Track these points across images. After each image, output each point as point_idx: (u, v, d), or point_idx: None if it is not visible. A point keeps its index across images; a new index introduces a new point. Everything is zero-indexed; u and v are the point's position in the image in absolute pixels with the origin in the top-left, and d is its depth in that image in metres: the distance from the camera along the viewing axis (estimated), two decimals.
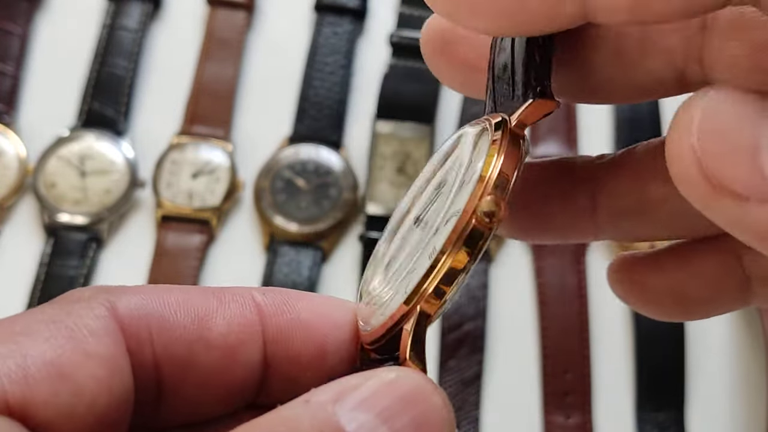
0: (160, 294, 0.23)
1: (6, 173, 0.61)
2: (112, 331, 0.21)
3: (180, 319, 0.23)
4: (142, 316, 0.22)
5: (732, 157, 0.18)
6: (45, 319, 0.21)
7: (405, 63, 0.65)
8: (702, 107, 0.18)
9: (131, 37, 0.66)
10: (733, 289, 0.26)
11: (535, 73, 0.22)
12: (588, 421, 0.55)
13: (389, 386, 0.20)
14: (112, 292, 0.23)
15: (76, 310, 0.21)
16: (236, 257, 0.61)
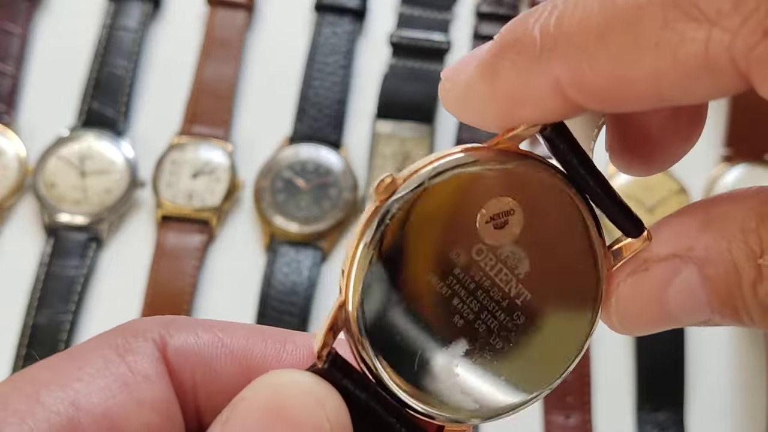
0: (216, 333, 0.22)
1: (6, 173, 0.61)
2: (165, 376, 0.21)
3: (228, 367, 0.22)
4: (190, 359, 0.22)
5: (647, 327, 0.22)
6: (101, 361, 0.21)
7: (405, 63, 0.65)
8: (615, 312, 0.22)
9: (131, 37, 0.66)
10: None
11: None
12: (588, 421, 0.55)
13: (246, 406, 0.19)
14: (169, 326, 0.22)
15: (132, 348, 0.21)
16: (236, 257, 0.61)
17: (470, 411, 0.22)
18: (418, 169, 0.21)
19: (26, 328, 0.57)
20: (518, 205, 0.22)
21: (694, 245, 0.21)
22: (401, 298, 0.21)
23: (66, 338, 0.57)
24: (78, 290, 0.58)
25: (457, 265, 0.21)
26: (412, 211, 0.21)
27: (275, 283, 0.59)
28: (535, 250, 0.22)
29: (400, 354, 0.21)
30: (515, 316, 0.22)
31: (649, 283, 0.22)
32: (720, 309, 0.21)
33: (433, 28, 0.66)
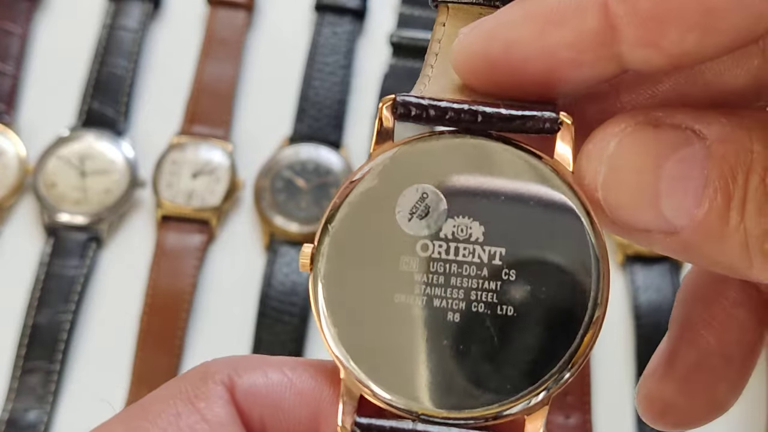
0: (285, 373, 0.22)
1: (6, 173, 0.61)
2: (237, 419, 0.21)
3: (296, 408, 0.21)
4: (259, 400, 0.21)
5: (635, 208, 0.20)
6: (173, 412, 0.20)
7: (405, 63, 0.65)
8: (608, 161, 0.20)
9: (131, 37, 0.66)
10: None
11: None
12: (588, 421, 0.55)
13: None
14: (237, 366, 0.22)
15: (202, 394, 0.21)
16: (236, 257, 0.61)
17: (519, 392, 0.21)
18: (321, 226, 0.21)
19: (26, 328, 0.57)
20: (425, 185, 0.21)
21: (712, 122, 0.20)
22: (390, 337, 0.21)
23: (66, 338, 0.57)
24: (78, 290, 0.58)
25: (413, 272, 0.21)
26: (335, 260, 0.21)
27: (275, 283, 0.59)
28: (474, 209, 0.21)
29: (429, 383, 0.21)
30: (504, 275, 0.21)
31: (654, 140, 0.20)
32: (713, 194, 0.19)
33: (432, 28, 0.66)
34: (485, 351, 0.21)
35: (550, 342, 0.21)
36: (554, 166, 0.21)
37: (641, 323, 0.57)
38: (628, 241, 0.58)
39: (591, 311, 0.21)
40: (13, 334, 0.57)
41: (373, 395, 0.21)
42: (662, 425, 0.25)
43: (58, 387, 0.56)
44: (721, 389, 0.24)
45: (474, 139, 0.21)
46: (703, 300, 0.25)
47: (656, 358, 0.25)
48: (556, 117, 0.21)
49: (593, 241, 0.21)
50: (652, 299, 0.58)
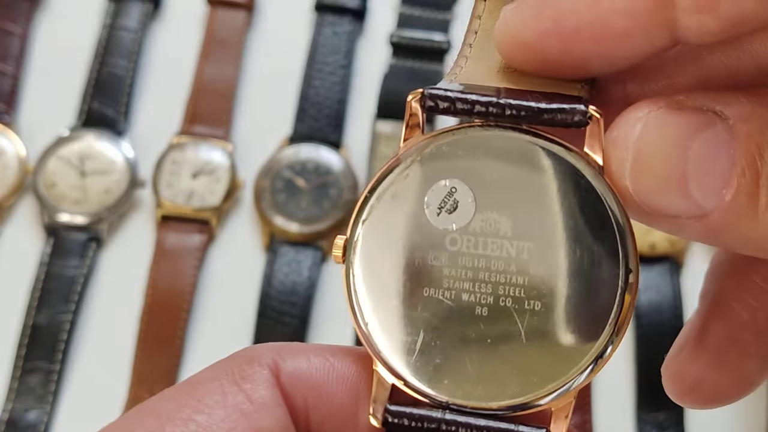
0: (327, 358, 0.22)
1: (6, 173, 0.61)
2: (281, 401, 0.21)
3: (339, 392, 0.22)
4: (302, 384, 0.22)
5: (663, 192, 0.20)
6: (219, 391, 0.21)
7: (405, 63, 0.65)
8: (634, 146, 0.20)
9: (131, 37, 0.66)
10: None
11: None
12: (588, 421, 0.55)
13: None
14: (281, 351, 0.22)
15: (248, 375, 0.21)
16: (236, 257, 0.61)
17: (546, 385, 0.21)
18: (353, 219, 0.22)
19: (26, 328, 0.57)
20: (454, 180, 0.21)
21: (732, 102, 0.20)
22: (420, 329, 0.21)
23: (66, 338, 0.57)
24: (78, 290, 0.58)
25: (442, 266, 0.21)
26: (366, 253, 0.21)
27: (275, 283, 0.59)
28: (503, 203, 0.21)
29: (458, 374, 0.21)
30: (532, 270, 0.21)
31: (678, 123, 0.20)
32: (741, 173, 0.19)
33: (433, 28, 0.66)
34: (512, 345, 0.21)
35: (576, 337, 0.21)
36: (583, 159, 0.21)
37: (641, 323, 0.57)
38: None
39: (618, 308, 0.21)
40: (13, 334, 0.57)
41: (404, 384, 0.21)
42: (691, 401, 0.25)
43: (58, 387, 0.56)
44: (751, 365, 0.24)
45: (503, 132, 0.21)
46: (735, 275, 0.24)
47: (685, 334, 0.25)
48: (586, 110, 0.21)
49: (624, 235, 0.21)
50: (652, 299, 0.58)
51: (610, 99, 0.23)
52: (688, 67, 0.23)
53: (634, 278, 0.21)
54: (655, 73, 0.23)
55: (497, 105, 0.21)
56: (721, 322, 0.24)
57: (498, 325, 0.21)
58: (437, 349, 0.21)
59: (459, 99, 0.21)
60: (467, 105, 0.21)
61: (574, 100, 0.21)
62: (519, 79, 0.22)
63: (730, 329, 0.24)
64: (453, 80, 0.22)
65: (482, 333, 0.21)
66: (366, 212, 0.22)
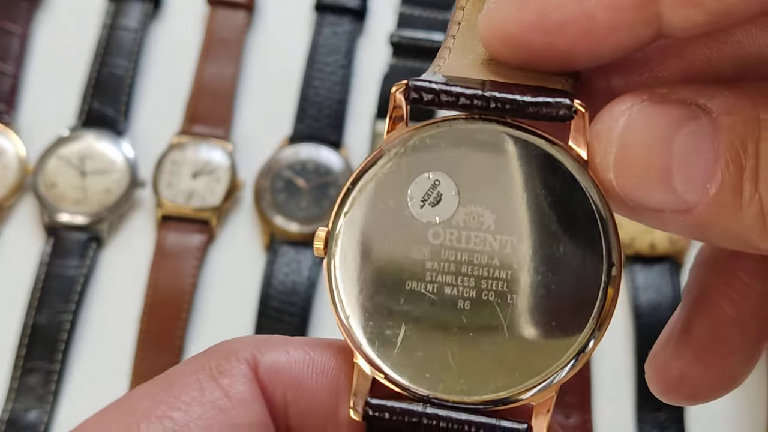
0: (307, 351, 0.22)
1: (6, 173, 0.61)
2: (260, 396, 0.21)
3: (319, 386, 0.22)
4: (282, 378, 0.22)
5: (647, 185, 0.20)
6: (196, 387, 0.21)
7: (405, 63, 0.65)
8: (618, 139, 0.20)
9: (131, 37, 0.66)
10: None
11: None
12: (588, 421, 0.55)
13: None
14: (260, 345, 0.22)
15: (226, 370, 0.21)
16: (236, 257, 0.61)
17: (529, 379, 0.21)
18: (334, 211, 0.21)
19: (26, 328, 0.57)
20: (437, 173, 0.21)
21: (715, 96, 0.20)
22: (402, 322, 0.21)
23: (66, 338, 0.57)
24: (78, 290, 0.58)
25: (425, 259, 0.21)
26: (348, 244, 0.21)
27: (275, 283, 0.59)
28: (486, 197, 0.21)
29: (439, 368, 0.21)
30: (515, 264, 0.21)
31: (661, 116, 0.20)
32: (724, 166, 0.19)
33: (433, 28, 0.66)
34: (495, 339, 0.21)
35: (558, 331, 0.21)
36: (567, 153, 0.21)
37: (641, 323, 0.57)
38: (630, 241, 0.58)
39: (601, 302, 0.21)
40: (13, 334, 0.57)
41: (385, 378, 0.21)
42: (675, 397, 0.25)
43: (58, 387, 0.56)
44: (735, 361, 0.24)
45: (487, 125, 0.21)
46: (720, 270, 0.24)
47: (669, 330, 0.25)
48: (571, 104, 0.21)
49: (607, 229, 0.21)
50: (652, 299, 0.58)
51: (593, 92, 0.23)
52: (671, 59, 0.23)
53: (617, 272, 0.21)
54: (638, 65, 0.23)
55: (482, 98, 0.21)
56: (705, 317, 0.24)
57: (480, 319, 0.21)
58: (419, 342, 0.21)
59: (444, 91, 0.21)
60: (452, 97, 0.21)
61: (559, 94, 0.21)
62: (503, 72, 0.22)
63: (714, 324, 0.24)
64: (437, 72, 0.22)
65: (464, 327, 0.21)
66: (348, 204, 0.21)
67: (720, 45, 0.22)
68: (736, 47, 0.22)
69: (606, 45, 0.20)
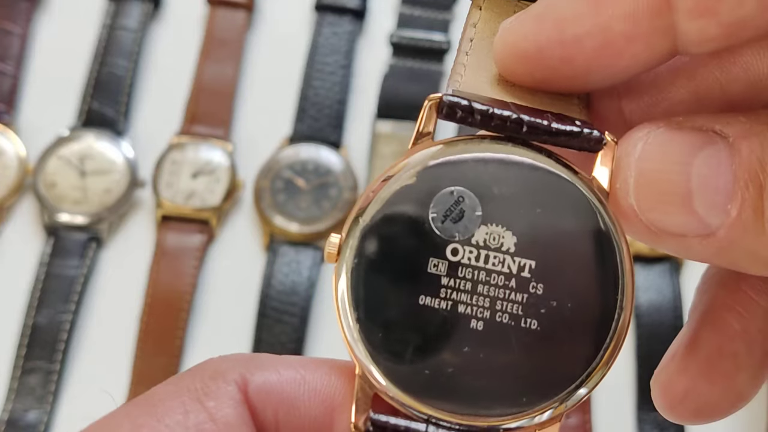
0: (298, 370, 0.21)
1: (6, 173, 0.61)
2: (248, 419, 0.21)
3: (311, 405, 0.21)
4: (272, 398, 0.21)
5: (668, 209, 0.20)
6: (181, 410, 0.20)
7: (405, 63, 0.65)
8: (636, 165, 0.20)
9: (131, 37, 0.66)
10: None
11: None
12: (588, 421, 0.55)
13: None
14: (248, 365, 0.21)
15: (212, 392, 0.20)
16: (236, 257, 0.61)
17: (531, 406, 0.21)
18: (351, 219, 0.21)
19: (26, 328, 0.57)
20: (461, 189, 0.21)
21: (731, 122, 0.20)
22: (411, 338, 0.21)
23: (66, 338, 0.57)
24: (78, 290, 0.58)
25: (442, 275, 0.21)
26: (361, 254, 0.21)
27: (275, 283, 0.59)
28: (509, 218, 0.21)
29: (445, 388, 0.21)
30: (531, 288, 0.21)
31: (679, 141, 0.20)
32: (744, 187, 0.19)
33: (433, 28, 0.66)
34: (505, 362, 0.21)
35: (569, 360, 0.21)
36: (591, 184, 0.21)
37: (641, 323, 0.57)
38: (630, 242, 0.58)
39: (612, 333, 0.21)
40: (13, 334, 0.57)
41: (387, 395, 0.21)
42: (679, 414, 0.24)
43: (58, 387, 0.56)
44: (742, 378, 0.24)
45: (515, 148, 0.21)
46: (726, 287, 0.24)
47: (675, 346, 0.25)
48: (601, 136, 0.21)
49: (624, 264, 0.21)
50: (652, 299, 0.58)
51: (604, 115, 0.23)
52: (681, 80, 0.23)
53: (628, 313, 0.21)
54: (648, 87, 0.23)
55: (516, 121, 0.21)
56: (712, 332, 0.24)
57: (492, 341, 0.21)
58: (427, 360, 0.21)
59: (477, 110, 0.21)
60: (485, 117, 0.21)
61: (586, 124, 0.21)
62: (518, 94, 0.22)
63: (721, 339, 0.24)
64: (457, 88, 0.22)
65: (475, 347, 0.20)
66: (366, 212, 0.21)
67: (729, 67, 0.22)
68: (745, 69, 0.22)
69: (623, 59, 0.20)
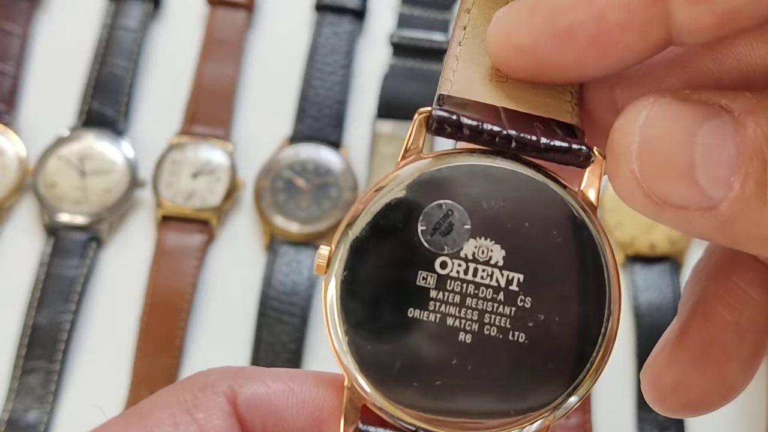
0: (287, 382, 0.22)
1: (6, 173, 0.61)
2: (237, 431, 0.21)
3: (300, 417, 0.21)
4: (261, 410, 0.21)
5: (671, 177, 0.20)
6: (170, 422, 0.20)
7: (405, 63, 0.65)
8: (640, 131, 0.20)
9: (131, 37, 0.66)
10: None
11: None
12: (588, 421, 0.55)
13: None
14: (237, 377, 0.21)
15: (201, 404, 0.21)
16: (236, 257, 0.61)
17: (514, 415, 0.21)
18: (341, 231, 0.21)
19: (26, 328, 0.57)
20: (451, 202, 0.21)
21: (737, 97, 0.20)
22: (399, 351, 0.21)
23: (66, 338, 0.57)
24: (78, 290, 0.58)
25: (431, 288, 0.21)
26: (351, 266, 0.21)
27: (275, 283, 0.59)
28: (497, 232, 0.21)
29: (434, 400, 0.21)
30: (519, 301, 0.21)
31: (683, 112, 0.20)
32: (748, 161, 0.19)
33: (433, 28, 0.66)
34: (493, 374, 0.21)
35: (557, 372, 0.21)
36: (580, 198, 0.21)
37: (641, 323, 0.57)
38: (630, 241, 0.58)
39: (599, 347, 0.21)
40: (13, 334, 0.57)
41: (375, 406, 0.21)
42: (670, 406, 0.24)
43: (58, 387, 0.56)
44: (732, 368, 0.24)
45: (504, 162, 0.21)
46: (717, 279, 0.24)
47: (666, 337, 0.25)
48: (589, 152, 0.21)
49: (610, 277, 0.21)
50: (652, 299, 0.58)
51: (597, 106, 0.23)
52: (675, 71, 0.23)
53: (615, 324, 0.21)
54: (642, 78, 0.23)
55: (505, 137, 0.21)
56: (702, 323, 0.24)
57: (480, 354, 0.21)
58: (415, 372, 0.21)
59: (466, 125, 0.21)
60: (474, 132, 0.21)
61: (575, 139, 0.21)
62: (512, 93, 0.22)
63: (711, 330, 0.24)
64: (450, 90, 0.22)
65: (463, 360, 0.21)
66: (356, 224, 0.21)
67: (722, 57, 0.22)
68: (738, 59, 0.22)
69: (617, 49, 0.20)
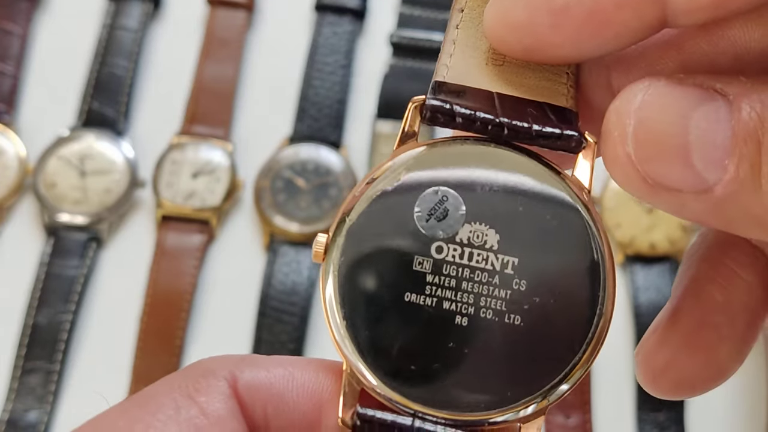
0: (287, 367, 0.22)
1: (6, 173, 0.61)
2: (238, 414, 0.21)
3: (300, 401, 0.22)
4: (262, 394, 0.22)
5: (666, 160, 0.20)
6: (172, 405, 0.21)
7: (405, 63, 0.65)
8: (636, 114, 0.20)
9: (131, 37, 0.66)
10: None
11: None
12: (588, 421, 0.55)
13: None
14: (237, 364, 0.22)
15: (202, 388, 0.21)
16: (236, 257, 0.61)
17: (510, 402, 0.21)
18: (338, 218, 0.21)
19: (26, 328, 0.57)
20: (446, 189, 0.21)
21: (732, 82, 0.20)
22: (397, 335, 0.21)
23: (66, 338, 0.57)
24: (78, 290, 0.58)
25: (427, 272, 0.21)
26: (348, 253, 0.21)
27: (275, 283, 0.59)
28: (492, 217, 0.21)
29: (431, 383, 0.21)
30: (515, 284, 0.21)
31: (680, 94, 0.20)
32: (743, 144, 0.19)
33: (433, 28, 0.66)
34: (489, 357, 0.21)
35: (551, 355, 0.21)
36: (573, 183, 0.21)
37: (641, 322, 0.57)
38: (630, 241, 0.58)
39: (594, 329, 0.21)
40: (13, 334, 0.57)
41: (373, 390, 0.21)
42: (661, 387, 0.24)
43: (58, 387, 0.56)
44: (723, 350, 0.24)
45: (498, 149, 0.22)
46: (710, 261, 0.24)
47: (658, 319, 0.25)
48: (581, 138, 0.21)
49: (604, 260, 0.21)
50: (652, 299, 0.58)
51: (593, 88, 0.23)
52: (670, 54, 0.23)
53: (609, 310, 0.21)
54: (637, 60, 0.23)
55: (497, 125, 0.21)
56: (693, 304, 0.24)
57: (477, 337, 0.21)
58: (413, 356, 0.21)
59: (459, 114, 0.21)
60: (467, 121, 0.21)
61: (568, 125, 0.21)
62: (508, 76, 0.22)
63: (703, 311, 0.24)
64: (445, 76, 0.22)
65: (460, 343, 0.21)
66: (353, 212, 0.21)
67: (717, 40, 0.23)
68: (733, 42, 0.22)
69: (612, 26, 0.20)
